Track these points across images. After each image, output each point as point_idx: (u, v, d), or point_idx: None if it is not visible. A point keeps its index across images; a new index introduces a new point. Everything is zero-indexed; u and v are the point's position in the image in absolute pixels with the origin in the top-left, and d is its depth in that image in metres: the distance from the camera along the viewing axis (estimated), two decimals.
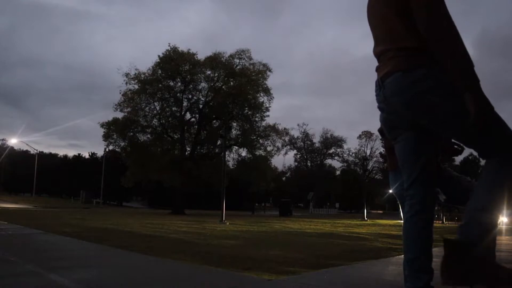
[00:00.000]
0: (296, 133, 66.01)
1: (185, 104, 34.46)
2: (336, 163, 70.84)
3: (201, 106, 34.40)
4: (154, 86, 32.43)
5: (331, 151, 68.32)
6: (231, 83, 33.63)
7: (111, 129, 31.87)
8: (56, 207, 29.38)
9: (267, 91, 33.93)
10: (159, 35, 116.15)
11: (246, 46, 43.03)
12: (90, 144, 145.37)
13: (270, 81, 50.86)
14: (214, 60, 33.28)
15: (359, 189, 50.38)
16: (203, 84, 34.47)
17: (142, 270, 3.45)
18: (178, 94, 34.00)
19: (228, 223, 15.08)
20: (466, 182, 2.44)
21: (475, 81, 1.50)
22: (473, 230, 1.60)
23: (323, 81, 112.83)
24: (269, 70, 34.16)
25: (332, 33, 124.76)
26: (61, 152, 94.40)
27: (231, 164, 35.30)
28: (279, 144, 37.20)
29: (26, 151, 62.88)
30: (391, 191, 2.54)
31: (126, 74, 31.85)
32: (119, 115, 32.22)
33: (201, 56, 33.80)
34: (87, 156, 63.51)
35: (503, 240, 8.65)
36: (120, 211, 28.84)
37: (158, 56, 32.77)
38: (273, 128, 34.57)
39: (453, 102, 1.55)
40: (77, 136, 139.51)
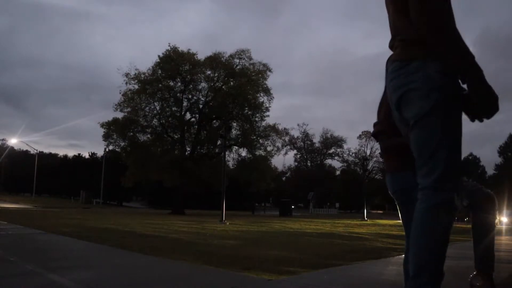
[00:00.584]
0: (296, 133, 66.23)
1: (185, 104, 34.50)
2: (336, 163, 70.95)
3: (201, 106, 34.39)
4: (154, 86, 32.41)
5: (331, 151, 68.46)
6: (231, 83, 33.61)
7: (111, 129, 31.86)
8: (56, 207, 29.35)
9: (267, 91, 33.95)
10: (159, 35, 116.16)
11: (246, 46, 43.09)
12: (90, 144, 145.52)
13: (270, 81, 50.94)
14: (214, 60, 33.27)
15: (359, 189, 50.33)
16: (203, 84, 34.52)
17: (142, 270, 3.45)
18: (178, 94, 33.99)
19: (228, 223, 15.08)
20: (463, 183, 2.44)
21: (476, 67, 1.48)
22: None
23: (323, 81, 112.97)
24: (269, 70, 34.21)
25: (332, 33, 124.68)
26: (61, 152, 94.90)
27: (231, 164, 35.33)
28: (279, 144, 37.31)
29: (26, 151, 63.16)
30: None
31: (126, 74, 31.88)
32: (119, 115, 32.27)
33: (201, 56, 33.86)
34: (87, 156, 63.54)
35: (503, 240, 8.64)
36: (120, 211, 28.85)
37: (158, 56, 32.82)
38: (273, 128, 34.56)
39: (424, 102, 1.49)
40: (77, 136, 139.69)
